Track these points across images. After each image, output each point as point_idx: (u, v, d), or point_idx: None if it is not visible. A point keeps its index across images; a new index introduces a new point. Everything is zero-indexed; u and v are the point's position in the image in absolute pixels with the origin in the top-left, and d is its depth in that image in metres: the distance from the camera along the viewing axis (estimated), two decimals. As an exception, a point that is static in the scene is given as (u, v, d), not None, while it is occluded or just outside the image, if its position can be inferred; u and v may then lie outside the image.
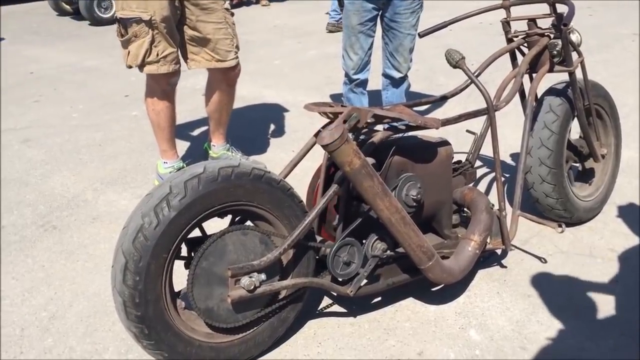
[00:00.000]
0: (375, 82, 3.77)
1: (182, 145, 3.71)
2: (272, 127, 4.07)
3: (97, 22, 8.17)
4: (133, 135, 3.97)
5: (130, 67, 2.81)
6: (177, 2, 2.76)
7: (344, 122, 1.71)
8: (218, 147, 3.28)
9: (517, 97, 2.45)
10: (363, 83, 3.34)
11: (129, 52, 2.76)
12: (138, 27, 2.69)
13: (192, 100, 4.61)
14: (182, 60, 2.93)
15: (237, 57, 2.99)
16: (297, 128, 3.99)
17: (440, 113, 4.09)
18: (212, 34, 2.86)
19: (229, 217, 1.89)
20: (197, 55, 2.93)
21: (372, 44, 3.23)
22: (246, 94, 4.72)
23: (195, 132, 3.99)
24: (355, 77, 3.28)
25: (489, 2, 2.59)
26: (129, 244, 1.61)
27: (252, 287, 1.73)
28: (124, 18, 2.70)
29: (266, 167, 3.02)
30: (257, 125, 4.09)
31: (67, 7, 8.99)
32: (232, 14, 2.95)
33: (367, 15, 3.11)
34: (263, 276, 1.75)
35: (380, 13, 3.16)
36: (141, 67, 2.77)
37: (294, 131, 3.95)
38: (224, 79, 3.04)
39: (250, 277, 1.73)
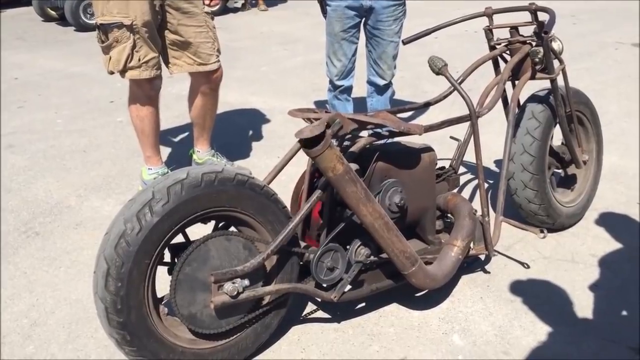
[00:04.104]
0: (361, 89, 3.79)
1: (167, 152, 3.70)
2: (258, 133, 4.07)
3: (82, 27, 8.13)
4: (118, 141, 3.95)
5: (112, 72, 2.80)
6: (158, 7, 2.76)
7: (327, 127, 1.72)
8: (203, 152, 3.27)
9: (500, 104, 2.48)
10: (347, 90, 3.34)
11: (110, 58, 2.75)
12: (119, 32, 2.68)
13: (177, 106, 4.59)
14: (164, 66, 2.92)
15: (218, 61, 2.99)
16: (283, 134, 4.00)
17: (424, 120, 4.11)
18: (193, 38, 2.86)
19: (213, 222, 1.88)
20: (178, 60, 2.93)
21: (355, 50, 3.23)
22: (232, 100, 4.71)
23: (180, 138, 3.98)
24: (339, 83, 3.28)
25: (473, 9, 2.62)
26: (111, 250, 1.61)
27: (235, 293, 1.72)
28: (105, 24, 2.69)
29: (251, 173, 3.02)
30: (243, 131, 4.09)
31: (53, 12, 8.94)
32: (212, 18, 2.96)
33: (350, 22, 3.11)
34: (246, 282, 1.75)
35: (363, 20, 3.17)
36: (123, 72, 2.76)
37: (280, 137, 3.95)
38: (206, 83, 3.04)
39: (234, 282, 1.73)
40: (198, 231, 1.91)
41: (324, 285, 1.91)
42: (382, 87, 3.30)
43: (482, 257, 2.42)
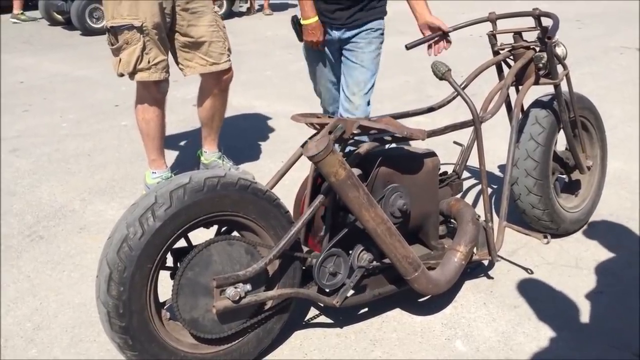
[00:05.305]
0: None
1: (171, 156, 3.71)
2: (262, 137, 4.07)
3: (88, 32, 8.17)
4: (122, 145, 3.96)
5: (121, 75, 2.82)
6: (169, 10, 2.80)
7: (330, 133, 1.72)
8: (210, 153, 3.30)
9: (504, 109, 2.47)
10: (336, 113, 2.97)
11: (120, 60, 2.78)
12: (129, 34, 2.71)
13: (182, 110, 4.61)
14: (170, 69, 2.93)
15: (229, 60, 3.02)
16: (287, 138, 4.00)
17: (427, 124, 4.11)
18: (204, 37, 2.90)
19: (215, 227, 1.89)
20: (191, 62, 2.96)
21: (339, 77, 2.84)
22: (237, 104, 4.72)
23: (185, 143, 3.99)
24: (327, 108, 2.99)
25: (478, 14, 2.62)
26: (114, 254, 1.61)
27: (238, 298, 1.72)
28: (115, 26, 2.72)
29: (254, 178, 3.00)
30: (246, 135, 4.10)
31: (59, 16, 8.98)
32: (222, 18, 2.99)
33: (326, 50, 2.76)
34: (248, 287, 1.75)
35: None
36: (132, 74, 2.78)
37: (284, 142, 3.96)
38: (216, 84, 3.06)
39: (236, 287, 1.73)
40: (201, 236, 1.92)
41: (327, 290, 1.91)
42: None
43: (486, 262, 2.41)
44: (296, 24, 2.72)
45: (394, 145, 2.19)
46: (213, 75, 3.02)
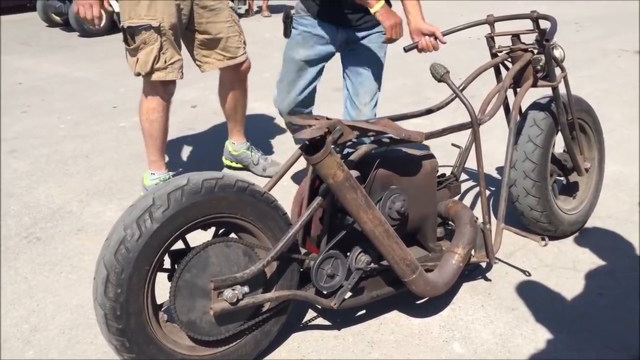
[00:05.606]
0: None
1: (170, 157, 3.70)
2: (261, 138, 4.06)
3: (86, 33, 8.18)
4: (120, 146, 3.96)
5: (138, 74, 2.83)
6: (187, 11, 2.84)
7: (328, 134, 1.72)
8: (238, 144, 3.38)
9: (502, 111, 2.47)
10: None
11: (137, 60, 2.78)
12: (147, 34, 2.73)
13: (181, 111, 4.61)
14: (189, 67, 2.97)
15: (246, 52, 3.09)
16: (286, 140, 4.00)
17: (426, 127, 4.11)
18: (222, 34, 2.96)
19: (213, 229, 1.88)
20: (209, 58, 3.02)
21: (311, 85, 2.79)
22: (235, 106, 4.71)
23: (183, 144, 3.99)
24: (286, 118, 2.84)
25: (477, 17, 2.62)
26: (111, 256, 1.61)
27: (235, 300, 1.72)
28: (133, 26, 2.73)
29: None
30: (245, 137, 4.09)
31: (57, 18, 8.99)
32: (236, 12, 3.04)
33: (317, 52, 2.70)
34: (246, 289, 1.75)
35: (337, 52, 2.75)
36: (149, 74, 2.80)
37: (282, 143, 3.96)
38: (235, 75, 3.13)
39: (233, 289, 1.72)
40: (198, 237, 1.91)
41: (324, 292, 1.91)
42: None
43: (483, 264, 2.41)
44: (288, 17, 2.73)
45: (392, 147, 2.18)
46: (231, 68, 3.09)
